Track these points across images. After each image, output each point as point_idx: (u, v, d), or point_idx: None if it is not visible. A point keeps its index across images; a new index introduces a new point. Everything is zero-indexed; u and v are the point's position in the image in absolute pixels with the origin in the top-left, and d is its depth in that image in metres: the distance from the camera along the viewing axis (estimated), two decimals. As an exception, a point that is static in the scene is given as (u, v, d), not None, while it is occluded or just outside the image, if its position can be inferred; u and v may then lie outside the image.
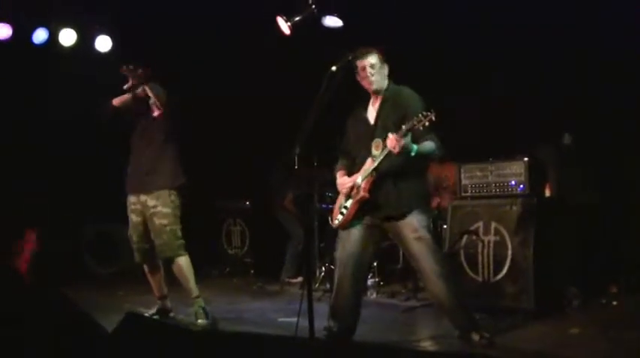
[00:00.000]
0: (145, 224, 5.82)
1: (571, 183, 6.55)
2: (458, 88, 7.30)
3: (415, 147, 4.45)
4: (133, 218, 5.88)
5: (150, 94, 5.72)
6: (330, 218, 4.99)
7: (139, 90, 5.74)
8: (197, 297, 5.78)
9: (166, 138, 5.83)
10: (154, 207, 5.73)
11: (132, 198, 5.90)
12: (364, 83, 4.79)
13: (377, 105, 4.80)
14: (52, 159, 9.35)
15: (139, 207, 5.84)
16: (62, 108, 8.84)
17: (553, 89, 7.04)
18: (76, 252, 9.40)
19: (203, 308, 5.74)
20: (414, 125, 4.33)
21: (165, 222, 5.70)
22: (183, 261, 5.75)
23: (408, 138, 4.39)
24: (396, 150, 4.37)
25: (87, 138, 9.32)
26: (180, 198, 5.86)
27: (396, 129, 4.41)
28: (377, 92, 4.80)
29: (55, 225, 8.97)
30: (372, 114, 4.82)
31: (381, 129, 4.63)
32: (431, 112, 4.32)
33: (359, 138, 4.80)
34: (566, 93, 6.98)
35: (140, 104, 5.84)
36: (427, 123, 4.32)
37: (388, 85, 4.81)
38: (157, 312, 5.95)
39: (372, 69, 4.72)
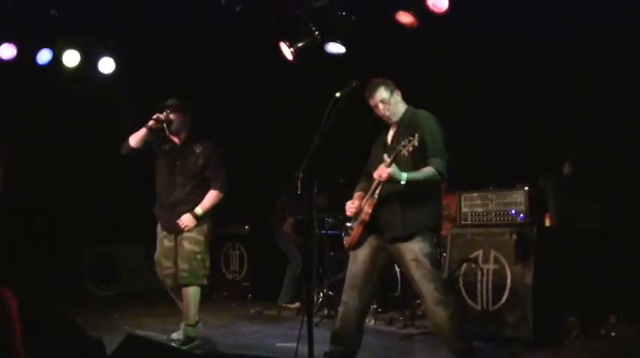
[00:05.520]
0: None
1: (571, 213, 6.55)
2: (458, 115, 7.32)
3: (404, 175, 4.41)
4: (166, 243, 5.77)
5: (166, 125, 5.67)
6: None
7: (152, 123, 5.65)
8: (193, 325, 5.70)
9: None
10: (189, 232, 5.66)
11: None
12: (383, 118, 4.82)
13: (395, 128, 4.83)
14: (53, 179, 9.37)
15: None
16: (64, 128, 8.89)
17: (554, 118, 7.07)
18: (76, 274, 9.39)
19: (192, 338, 5.65)
20: (399, 152, 4.37)
21: (197, 249, 5.66)
22: (198, 290, 5.72)
23: (394, 168, 4.38)
24: (383, 178, 4.41)
25: (88, 159, 9.36)
26: (213, 228, 5.84)
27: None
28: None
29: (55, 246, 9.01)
30: (390, 137, 4.85)
31: (392, 151, 4.60)
32: (413, 138, 4.34)
33: (377, 161, 4.76)
34: (566, 122, 7.00)
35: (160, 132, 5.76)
36: (411, 148, 4.35)
37: (406, 109, 4.81)
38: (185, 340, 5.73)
39: (384, 104, 4.74)
